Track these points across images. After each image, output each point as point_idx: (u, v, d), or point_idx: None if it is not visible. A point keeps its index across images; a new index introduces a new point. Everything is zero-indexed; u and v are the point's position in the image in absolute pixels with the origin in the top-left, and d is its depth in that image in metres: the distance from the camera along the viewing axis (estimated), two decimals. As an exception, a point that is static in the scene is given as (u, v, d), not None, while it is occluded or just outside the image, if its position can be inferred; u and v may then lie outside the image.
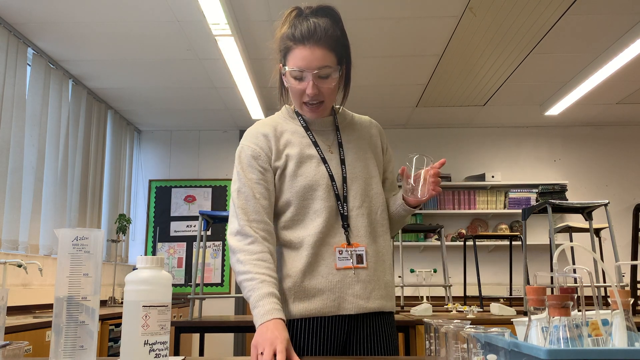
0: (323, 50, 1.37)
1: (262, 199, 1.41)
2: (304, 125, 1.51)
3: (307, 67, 1.37)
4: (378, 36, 3.92)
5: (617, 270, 3.43)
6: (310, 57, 1.37)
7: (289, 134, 1.49)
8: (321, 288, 1.39)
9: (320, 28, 1.37)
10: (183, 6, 3.47)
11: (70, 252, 0.97)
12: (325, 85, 1.40)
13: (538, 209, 3.53)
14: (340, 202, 1.43)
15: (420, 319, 3.05)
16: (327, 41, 1.38)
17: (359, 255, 1.41)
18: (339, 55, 1.42)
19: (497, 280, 5.80)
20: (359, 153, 1.51)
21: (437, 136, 6.16)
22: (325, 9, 1.43)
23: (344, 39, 1.45)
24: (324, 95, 1.42)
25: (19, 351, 0.89)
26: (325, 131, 1.52)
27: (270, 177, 1.44)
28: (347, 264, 1.40)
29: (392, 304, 1.49)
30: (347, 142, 1.52)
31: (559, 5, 3.51)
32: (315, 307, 1.38)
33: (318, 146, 1.48)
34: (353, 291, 1.39)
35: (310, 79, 1.38)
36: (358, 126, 1.59)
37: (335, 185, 1.43)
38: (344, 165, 1.47)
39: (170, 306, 1.03)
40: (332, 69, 1.39)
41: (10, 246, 3.60)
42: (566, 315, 0.81)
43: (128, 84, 4.83)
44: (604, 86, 4.81)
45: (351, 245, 1.41)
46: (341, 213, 1.42)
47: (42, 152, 4.03)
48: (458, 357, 0.96)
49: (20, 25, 3.71)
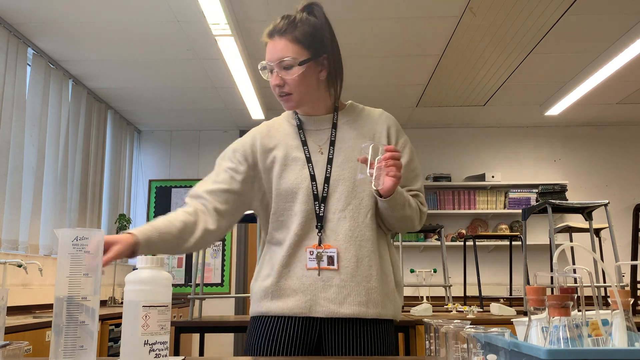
0: (285, 42, 1.39)
1: (220, 184, 1.45)
2: (297, 124, 1.51)
3: (270, 59, 1.42)
4: (378, 36, 3.92)
5: (617, 270, 3.43)
6: (272, 50, 1.41)
7: (281, 135, 1.51)
8: (295, 289, 1.40)
9: (286, 22, 1.41)
10: (183, 6, 3.47)
11: (70, 252, 0.97)
12: (287, 76, 1.40)
13: (538, 209, 3.53)
14: (318, 202, 1.42)
15: (420, 319, 3.05)
16: (291, 33, 1.40)
17: (329, 257, 1.39)
18: (308, 47, 1.41)
19: (497, 280, 5.80)
20: (354, 153, 1.46)
21: (437, 136, 6.16)
22: (308, 5, 1.46)
23: (322, 32, 1.43)
24: (290, 87, 1.42)
25: (19, 351, 0.89)
26: (320, 130, 1.50)
27: (243, 170, 1.48)
28: (316, 265, 1.39)
29: (378, 311, 1.40)
30: (341, 140, 1.48)
31: (559, 5, 3.51)
32: (288, 306, 1.39)
33: (306, 146, 1.48)
34: (326, 295, 1.37)
35: (275, 70, 1.42)
36: (363, 122, 1.52)
37: (315, 186, 1.43)
38: (330, 166, 1.45)
39: (170, 306, 1.03)
40: (293, 60, 1.39)
41: (10, 246, 3.60)
42: (566, 315, 0.81)
43: (128, 84, 4.83)
44: (604, 86, 4.81)
45: (322, 246, 1.39)
46: (317, 214, 1.42)
47: (42, 152, 4.03)
48: (458, 357, 0.96)
49: (20, 25, 3.71)
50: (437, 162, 6.09)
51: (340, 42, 1.50)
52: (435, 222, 5.85)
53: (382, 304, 1.41)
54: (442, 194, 5.95)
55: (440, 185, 5.93)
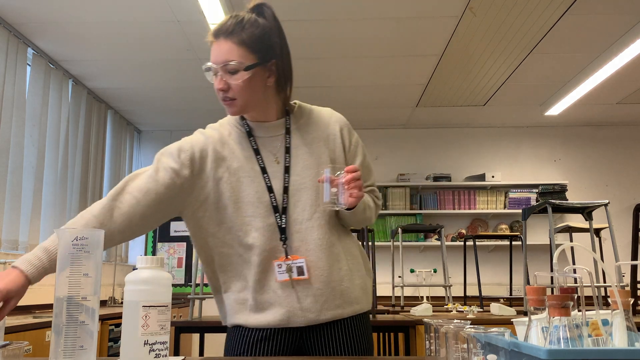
0: (231, 44, 1.32)
1: (159, 185, 1.35)
2: (247, 131, 1.44)
3: (214, 61, 1.34)
4: (378, 36, 3.92)
5: (617, 270, 3.43)
6: (217, 52, 1.34)
7: (233, 143, 1.43)
8: (272, 302, 1.38)
9: (233, 23, 1.34)
10: (183, 6, 3.47)
11: (70, 252, 0.97)
12: (232, 81, 1.33)
13: (538, 209, 3.53)
14: (279, 214, 1.37)
15: (420, 319, 3.05)
16: (238, 36, 1.32)
17: (298, 267, 1.36)
18: (256, 51, 1.33)
19: (497, 280, 5.80)
20: (312, 159, 1.42)
21: (437, 136, 6.16)
22: (258, 6, 1.39)
23: (270, 35, 1.36)
24: (234, 92, 1.34)
25: (19, 351, 0.89)
26: (273, 137, 1.43)
27: (186, 175, 1.38)
28: (286, 277, 1.36)
29: (354, 308, 1.43)
30: (297, 147, 1.43)
31: (559, 5, 3.51)
32: (267, 319, 1.38)
33: (259, 155, 1.41)
34: (302, 305, 1.37)
35: (219, 73, 1.34)
36: (315, 126, 1.47)
37: (274, 198, 1.38)
38: (288, 175, 1.40)
39: (170, 306, 1.03)
40: (238, 64, 1.31)
41: (10, 246, 3.60)
42: (566, 315, 0.81)
43: (128, 84, 4.83)
44: (604, 86, 4.81)
45: (289, 258, 1.36)
46: (279, 226, 1.37)
47: (42, 152, 4.03)
48: (458, 357, 0.96)
49: (20, 25, 3.71)
50: (437, 162, 6.09)
51: (340, 42, 1.49)
52: (435, 222, 5.86)
53: (357, 300, 1.43)
54: (442, 194, 5.95)
55: (440, 185, 5.93)
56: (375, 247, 4.40)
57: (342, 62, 4.34)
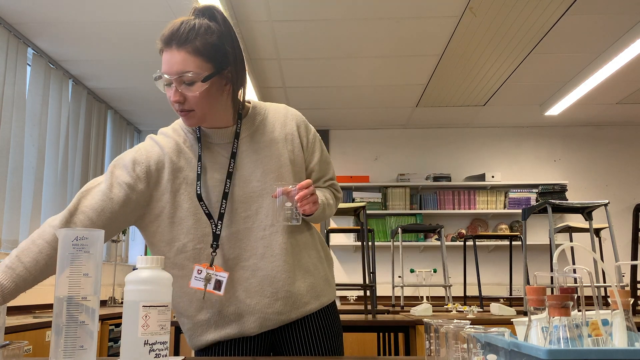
0: (185, 55, 1.24)
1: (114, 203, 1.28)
2: (198, 137, 1.39)
3: (167, 71, 1.26)
4: (378, 36, 3.92)
5: (617, 270, 3.43)
6: (171, 62, 1.25)
7: (189, 151, 1.38)
8: (240, 313, 1.35)
9: (186, 30, 1.24)
10: (183, 6, 3.47)
11: (70, 252, 0.97)
12: (189, 93, 1.26)
13: (538, 209, 3.53)
14: (214, 221, 1.33)
15: (420, 319, 3.05)
16: (193, 45, 1.24)
17: (218, 280, 1.31)
18: (211, 60, 1.26)
19: (497, 280, 5.80)
20: (272, 162, 1.39)
21: (437, 136, 6.16)
22: (207, 9, 1.30)
23: (222, 43, 1.28)
24: (191, 104, 1.27)
25: (19, 351, 0.89)
26: (228, 143, 1.39)
27: (141, 189, 1.32)
28: (200, 285, 1.30)
29: (321, 301, 1.44)
30: (255, 151, 1.39)
31: (559, 5, 3.51)
32: (238, 329, 1.36)
33: (200, 160, 1.36)
34: (274, 309, 1.36)
35: (174, 84, 1.26)
36: (271, 127, 1.43)
37: (204, 206, 1.33)
38: (230, 180, 1.35)
39: (170, 306, 1.03)
40: (195, 75, 1.24)
41: (10, 246, 3.60)
42: (566, 315, 0.81)
43: (128, 84, 4.83)
44: (604, 86, 4.81)
45: (212, 267, 1.31)
46: (213, 232, 1.33)
47: (42, 152, 4.03)
48: (458, 357, 0.96)
49: (20, 25, 3.71)
50: (437, 162, 6.10)
51: (340, 42, 1.48)
52: (435, 222, 5.87)
53: (322, 293, 1.46)
54: (442, 194, 5.95)
55: (440, 185, 5.93)
56: (375, 247, 4.40)
57: (342, 62, 4.34)
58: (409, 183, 5.89)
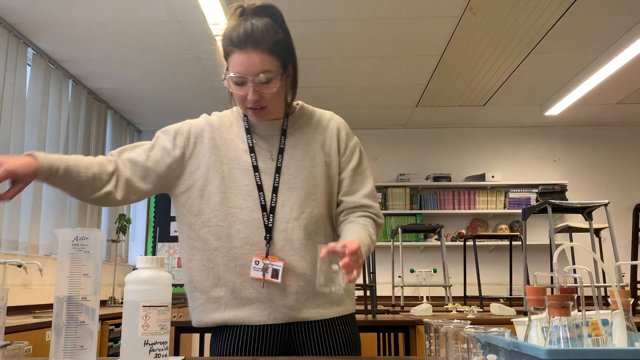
0: (261, 55, 1.31)
1: (148, 161, 1.41)
2: (247, 128, 1.46)
3: (246, 72, 1.32)
4: (378, 36, 3.92)
5: (617, 270, 3.43)
6: (249, 63, 1.31)
7: (232, 135, 1.45)
8: (251, 298, 1.37)
9: (258, 31, 1.31)
10: (183, 6, 3.47)
11: (70, 252, 0.97)
12: (267, 91, 1.34)
13: (538, 209, 3.53)
14: (267, 213, 1.38)
15: (420, 319, 3.05)
16: (266, 45, 1.31)
17: (275, 269, 1.35)
18: (281, 58, 1.35)
19: (497, 280, 5.80)
20: (305, 160, 1.43)
21: (437, 136, 6.16)
22: (266, 8, 1.36)
23: (287, 40, 1.38)
24: (266, 100, 1.35)
25: (19, 351, 0.89)
26: (270, 135, 1.45)
27: (176, 156, 1.42)
28: (260, 275, 1.35)
29: (337, 309, 1.44)
30: (292, 147, 1.44)
31: (559, 5, 3.51)
32: (246, 315, 1.38)
33: (254, 152, 1.42)
34: (284, 302, 1.37)
35: (250, 84, 1.33)
36: (313, 128, 1.48)
37: (262, 196, 1.39)
38: (279, 175, 1.41)
39: (170, 306, 1.03)
40: (272, 74, 1.33)
41: (10, 246, 3.60)
42: (566, 315, 0.81)
43: (128, 84, 4.83)
44: (604, 86, 4.81)
45: (268, 258, 1.36)
46: (265, 224, 1.38)
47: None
48: (458, 357, 0.96)
49: (20, 25, 3.71)
50: (437, 162, 6.10)
51: (340, 42, 1.48)
52: (435, 222, 5.86)
53: (339, 302, 1.45)
54: (442, 194, 5.95)
55: (440, 185, 5.93)
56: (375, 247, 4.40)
57: (342, 62, 4.34)
58: (409, 183, 5.89)
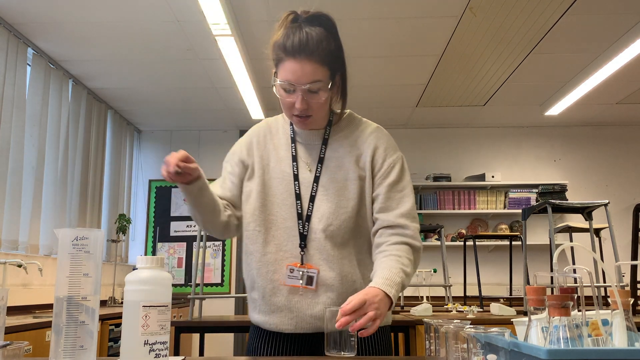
0: (314, 65, 1.32)
1: (226, 191, 1.48)
2: (292, 136, 1.49)
3: (297, 81, 1.32)
4: (378, 36, 3.92)
5: (617, 270, 3.43)
6: (300, 72, 1.32)
7: (277, 141, 1.49)
8: (280, 306, 1.39)
9: (312, 41, 1.31)
10: (183, 6, 3.47)
11: (70, 252, 0.97)
12: (315, 100, 1.35)
13: (538, 209, 3.53)
14: (302, 221, 1.40)
15: (420, 319, 3.05)
16: (319, 55, 1.32)
17: (309, 276, 1.37)
18: (331, 68, 1.36)
19: (497, 280, 5.80)
20: (340, 173, 1.43)
21: (437, 136, 6.16)
22: (320, 17, 1.36)
23: (339, 51, 1.39)
24: (313, 110, 1.37)
25: (19, 351, 0.89)
26: (311, 145, 1.47)
27: (239, 173, 1.49)
28: (296, 283, 1.37)
29: None
30: (329, 159, 1.45)
31: (559, 5, 3.51)
32: (274, 322, 1.40)
33: (296, 161, 1.45)
34: (312, 312, 1.37)
35: (299, 93, 1.33)
36: (352, 141, 1.48)
37: (299, 205, 1.41)
38: (317, 185, 1.42)
39: (170, 306, 1.03)
40: (322, 84, 1.34)
41: (10, 246, 3.60)
42: (566, 315, 0.81)
43: (128, 84, 4.83)
44: (604, 86, 4.81)
45: (304, 265, 1.37)
46: (300, 232, 1.39)
47: (42, 152, 4.03)
48: (458, 357, 0.96)
49: (20, 25, 3.71)
50: (437, 162, 6.09)
51: (340, 42, 1.47)
52: (435, 222, 5.86)
53: None
54: (442, 194, 5.95)
55: (440, 185, 5.93)
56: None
57: (342, 62, 4.33)
58: (409, 183, 5.88)
